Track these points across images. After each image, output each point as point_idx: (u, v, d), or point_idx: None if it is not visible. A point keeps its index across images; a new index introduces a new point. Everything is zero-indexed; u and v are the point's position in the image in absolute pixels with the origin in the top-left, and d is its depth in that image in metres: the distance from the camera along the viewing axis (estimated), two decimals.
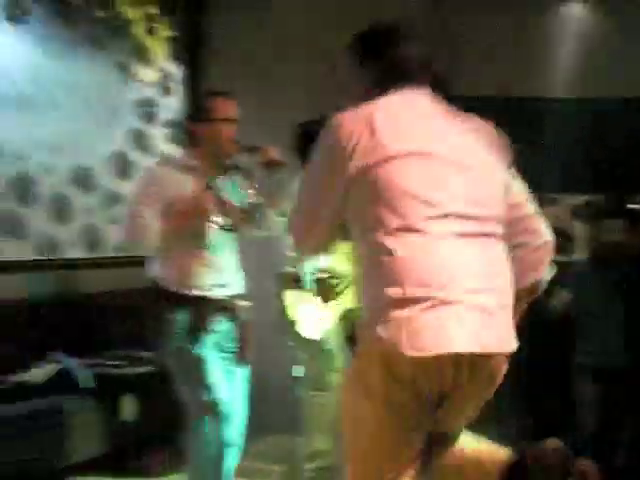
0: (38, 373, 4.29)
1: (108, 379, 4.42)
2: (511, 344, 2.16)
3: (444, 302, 2.03)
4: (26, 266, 4.76)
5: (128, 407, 4.39)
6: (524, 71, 5.40)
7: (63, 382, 4.30)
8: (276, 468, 4.60)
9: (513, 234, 2.32)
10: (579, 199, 5.73)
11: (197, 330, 3.43)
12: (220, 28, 5.82)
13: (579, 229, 5.56)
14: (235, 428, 3.55)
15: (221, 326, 3.53)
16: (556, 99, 5.47)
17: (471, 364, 2.07)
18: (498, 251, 2.21)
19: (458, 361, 2.04)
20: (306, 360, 4.06)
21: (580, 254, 5.32)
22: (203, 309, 3.45)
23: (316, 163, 2.27)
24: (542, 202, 5.21)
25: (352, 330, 4.51)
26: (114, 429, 4.35)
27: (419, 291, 2.03)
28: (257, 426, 4.33)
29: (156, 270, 3.52)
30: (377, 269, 2.10)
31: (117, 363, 4.55)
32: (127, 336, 4.81)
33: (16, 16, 4.68)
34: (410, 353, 1.99)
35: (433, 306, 2.02)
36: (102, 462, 4.32)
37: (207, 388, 3.42)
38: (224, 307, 3.53)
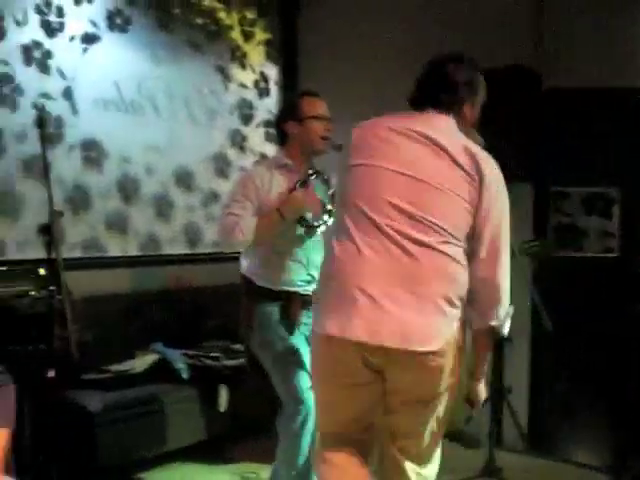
0: (140, 363, 4.45)
1: (205, 370, 4.53)
2: (420, 345, 2.49)
3: (354, 298, 2.49)
4: (130, 262, 4.99)
5: (223, 397, 4.48)
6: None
7: (163, 372, 4.44)
8: None
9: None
10: None
11: (287, 324, 3.51)
12: (315, 29, 5.88)
13: None
14: None
15: (308, 319, 3.48)
16: None
17: (376, 351, 2.52)
18: (435, 260, 2.51)
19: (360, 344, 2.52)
20: None
21: None
22: (293, 304, 3.52)
23: None
24: None
25: None
26: (209, 418, 4.44)
27: (337, 285, 2.54)
28: None
29: (248, 265, 3.61)
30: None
31: (214, 355, 4.65)
32: (223, 329, 4.92)
33: (119, 26, 4.91)
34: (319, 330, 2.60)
35: (346, 300, 2.51)
36: (197, 450, 4.43)
37: (298, 380, 3.46)
38: (312, 302, 3.60)
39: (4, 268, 3.92)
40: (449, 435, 4.53)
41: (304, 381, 3.45)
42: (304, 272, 3.57)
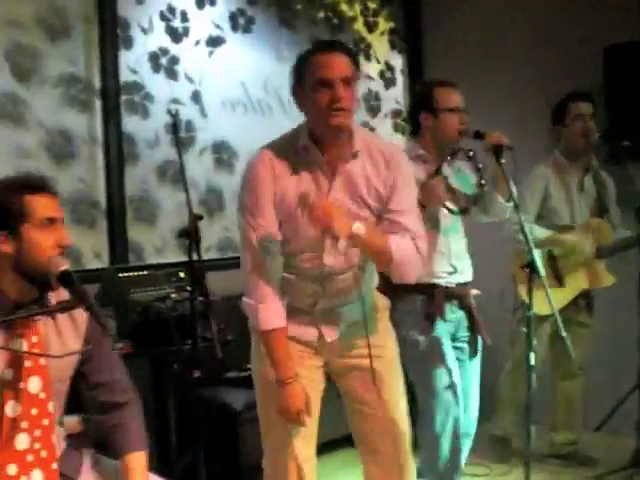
0: None
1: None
2: None
3: None
4: None
5: None
6: None
7: None
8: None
9: None
10: None
11: (430, 317, 3.41)
12: (439, 14, 5.81)
13: None
14: (468, 418, 3.52)
15: (453, 314, 3.49)
16: None
17: None
18: None
19: None
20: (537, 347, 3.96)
21: None
22: (435, 296, 3.42)
23: None
24: None
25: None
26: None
27: None
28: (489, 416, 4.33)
29: None
30: None
31: None
32: None
33: (242, 26, 4.94)
34: None
35: None
36: (338, 446, 4.37)
37: (441, 377, 3.38)
38: (456, 294, 3.48)
39: (145, 272, 4.01)
40: (561, 457, 4.47)
41: (446, 379, 3.39)
42: (446, 262, 3.46)
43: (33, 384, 2.21)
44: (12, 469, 2.17)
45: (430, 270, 3.41)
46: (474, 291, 3.57)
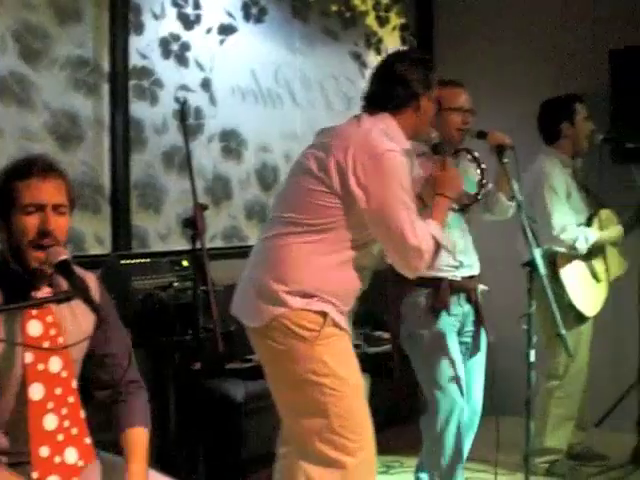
0: None
1: None
2: (250, 321, 2.82)
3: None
4: None
5: (365, 386, 4.42)
6: None
7: None
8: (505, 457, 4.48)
9: None
10: None
11: (435, 311, 3.42)
12: (450, 13, 5.82)
13: None
14: (471, 411, 3.53)
15: (459, 308, 3.51)
16: None
17: None
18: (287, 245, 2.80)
19: None
20: (543, 345, 3.92)
21: None
22: (440, 290, 3.43)
23: None
24: None
25: None
26: None
27: None
28: (492, 409, 4.29)
29: None
30: None
31: (355, 342, 4.57)
32: (364, 316, 4.80)
33: (254, 16, 4.91)
34: None
35: None
36: None
37: (445, 370, 3.41)
38: (461, 289, 3.50)
39: (147, 260, 3.97)
40: (572, 456, 4.37)
41: (450, 372, 3.41)
42: (452, 257, 3.44)
43: (54, 364, 2.21)
44: (44, 451, 2.16)
45: (435, 264, 3.40)
46: (482, 286, 3.59)
